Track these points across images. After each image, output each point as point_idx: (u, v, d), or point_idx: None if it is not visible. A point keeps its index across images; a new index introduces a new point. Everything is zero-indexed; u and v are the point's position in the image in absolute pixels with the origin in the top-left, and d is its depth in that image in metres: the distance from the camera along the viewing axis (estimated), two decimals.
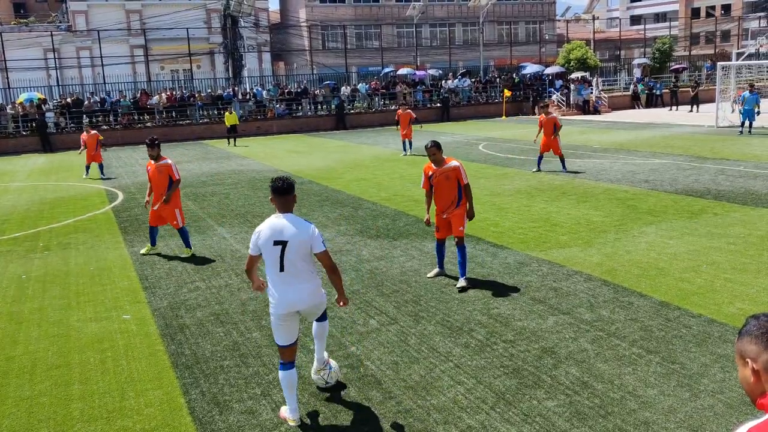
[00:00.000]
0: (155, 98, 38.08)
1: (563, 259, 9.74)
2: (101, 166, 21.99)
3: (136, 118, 37.23)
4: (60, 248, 11.97)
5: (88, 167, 22.09)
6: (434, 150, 8.56)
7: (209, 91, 41.10)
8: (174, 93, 39.58)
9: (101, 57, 41.94)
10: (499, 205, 14.09)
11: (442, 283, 8.92)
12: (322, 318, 5.79)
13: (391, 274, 9.43)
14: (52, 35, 44.43)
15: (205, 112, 38.71)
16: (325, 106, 41.59)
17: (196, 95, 39.30)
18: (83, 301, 8.86)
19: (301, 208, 14.64)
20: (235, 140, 32.06)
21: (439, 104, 43.33)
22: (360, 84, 44.38)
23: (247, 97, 40.14)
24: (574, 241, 10.75)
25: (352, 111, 41.64)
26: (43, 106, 35.64)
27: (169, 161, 10.94)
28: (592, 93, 43.62)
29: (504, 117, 42.82)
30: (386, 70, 48.95)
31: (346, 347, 6.92)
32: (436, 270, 9.25)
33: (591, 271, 9.10)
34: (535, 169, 18.57)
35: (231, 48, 44.73)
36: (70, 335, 7.63)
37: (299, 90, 42.09)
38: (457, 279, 8.82)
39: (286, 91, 41.86)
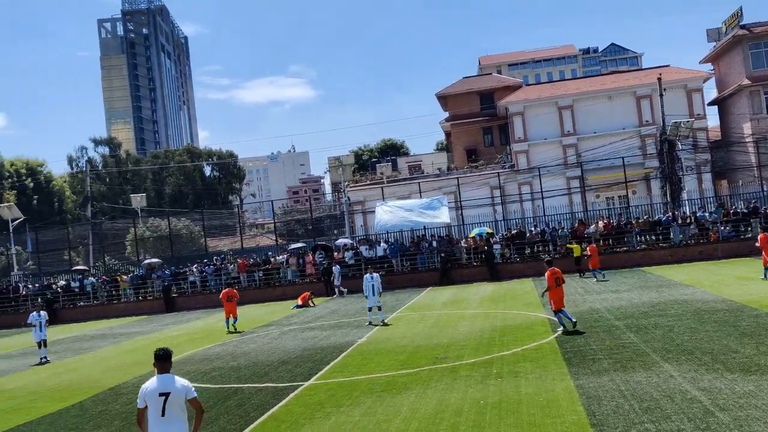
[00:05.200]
0: (592, 227, 39.00)
1: None
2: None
3: None
4: (511, 376, 12.83)
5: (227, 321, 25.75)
6: None
7: (646, 216, 40.43)
8: (610, 221, 40.02)
9: (541, 191, 45.25)
10: None
11: None
12: None
13: None
14: (498, 175, 49.96)
15: (643, 238, 38.04)
16: None
17: (633, 222, 39.06)
18: None
19: (759, 346, 13.03)
20: (582, 272, 31.87)
21: None
22: None
23: (688, 220, 38.21)
24: None
25: None
26: (490, 239, 39.65)
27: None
28: None
29: None
30: None
31: None
32: None
33: None
34: None
35: (668, 172, 43.67)
36: None
37: (747, 209, 38.40)
38: None
39: (731, 211, 38.63)
